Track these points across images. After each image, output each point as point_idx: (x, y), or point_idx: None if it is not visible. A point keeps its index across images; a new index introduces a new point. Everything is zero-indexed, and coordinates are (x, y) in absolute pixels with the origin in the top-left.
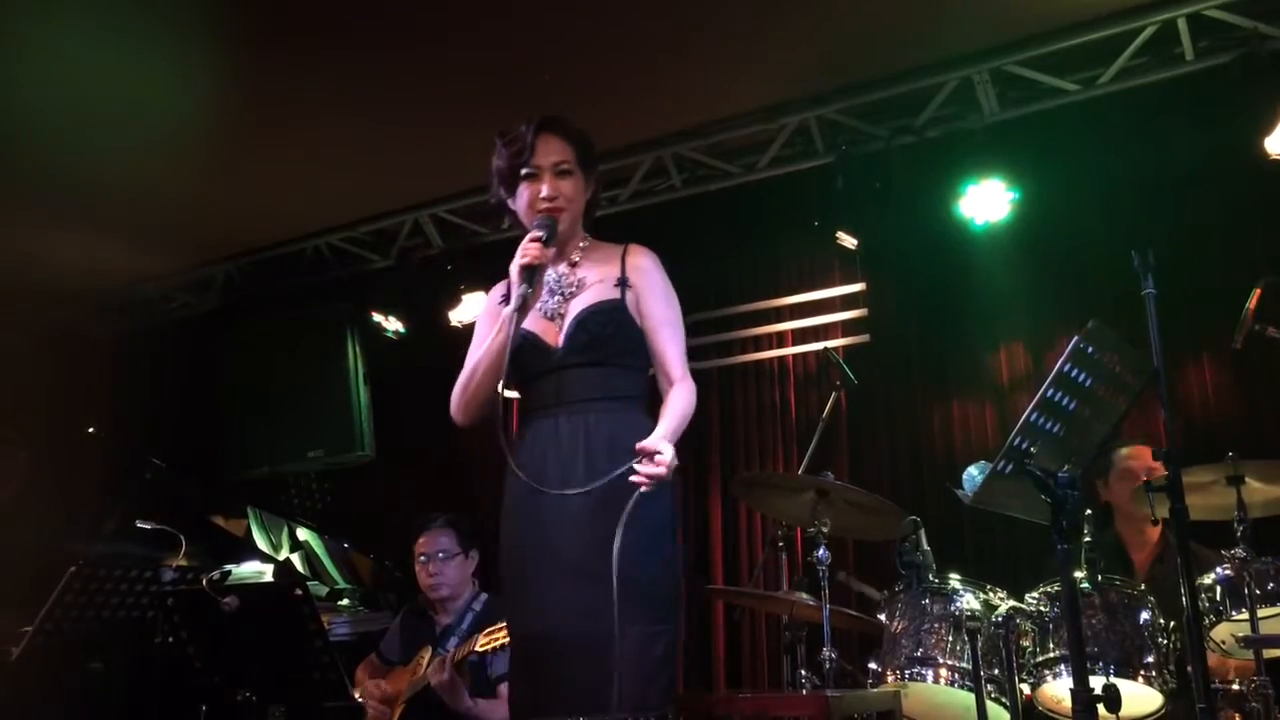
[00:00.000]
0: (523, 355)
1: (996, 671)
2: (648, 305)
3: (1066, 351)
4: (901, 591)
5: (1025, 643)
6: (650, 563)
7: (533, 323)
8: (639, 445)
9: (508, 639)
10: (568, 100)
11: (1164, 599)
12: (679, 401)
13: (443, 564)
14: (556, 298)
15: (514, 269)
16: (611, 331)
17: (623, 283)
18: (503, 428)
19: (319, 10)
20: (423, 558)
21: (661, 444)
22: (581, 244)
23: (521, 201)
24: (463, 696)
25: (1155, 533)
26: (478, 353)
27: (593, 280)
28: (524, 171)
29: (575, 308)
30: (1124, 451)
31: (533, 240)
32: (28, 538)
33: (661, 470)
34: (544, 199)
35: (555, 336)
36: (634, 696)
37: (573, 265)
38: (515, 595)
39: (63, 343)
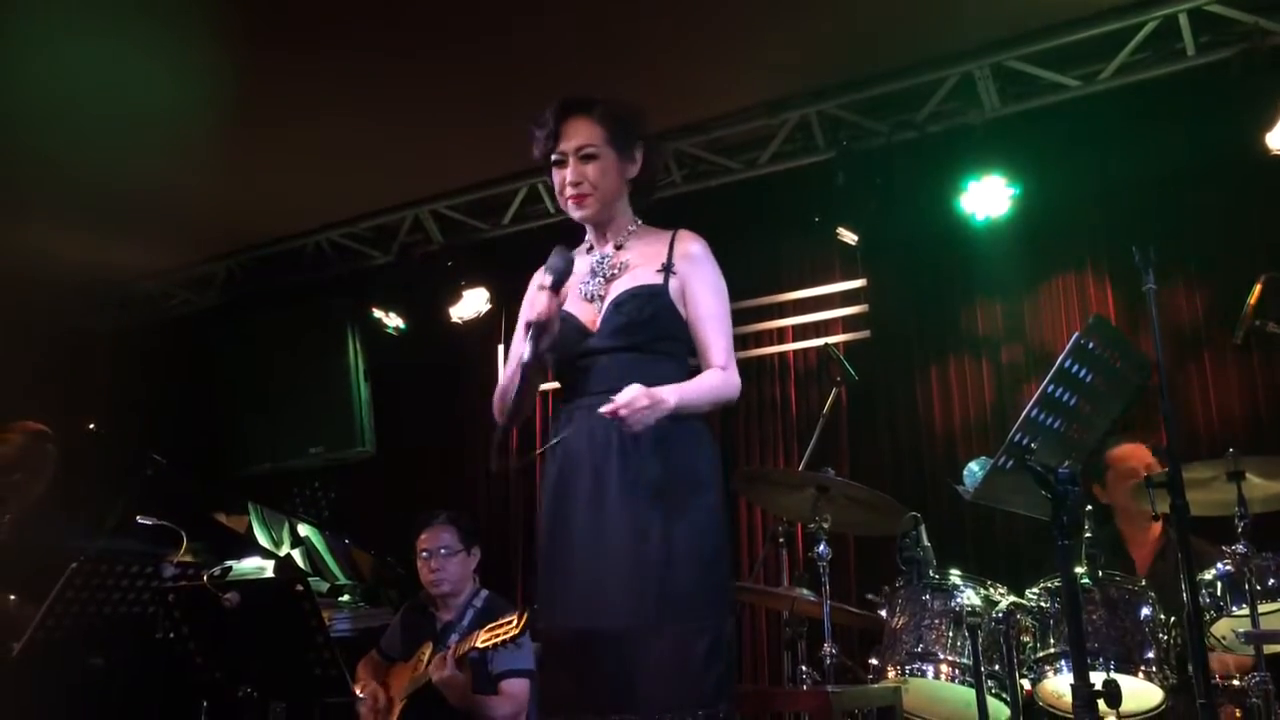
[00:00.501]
0: (560, 337)
1: (997, 667)
2: (694, 295)
3: (1067, 347)
4: (902, 587)
5: (1026, 638)
6: (692, 560)
7: (573, 304)
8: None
9: (509, 636)
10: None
11: (1165, 595)
12: (710, 377)
13: (444, 560)
14: (598, 279)
15: (520, 323)
16: (648, 316)
17: (667, 268)
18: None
19: (319, 10)
20: (424, 554)
21: (639, 387)
22: (630, 227)
23: (556, 189)
24: (464, 693)
25: (1156, 529)
26: (514, 351)
27: (637, 263)
28: (553, 158)
29: (615, 290)
30: (1117, 452)
31: (540, 289)
32: (31, 533)
33: (620, 409)
34: (568, 185)
35: (594, 319)
36: (674, 695)
37: (619, 248)
38: (547, 587)
39: (63, 339)
